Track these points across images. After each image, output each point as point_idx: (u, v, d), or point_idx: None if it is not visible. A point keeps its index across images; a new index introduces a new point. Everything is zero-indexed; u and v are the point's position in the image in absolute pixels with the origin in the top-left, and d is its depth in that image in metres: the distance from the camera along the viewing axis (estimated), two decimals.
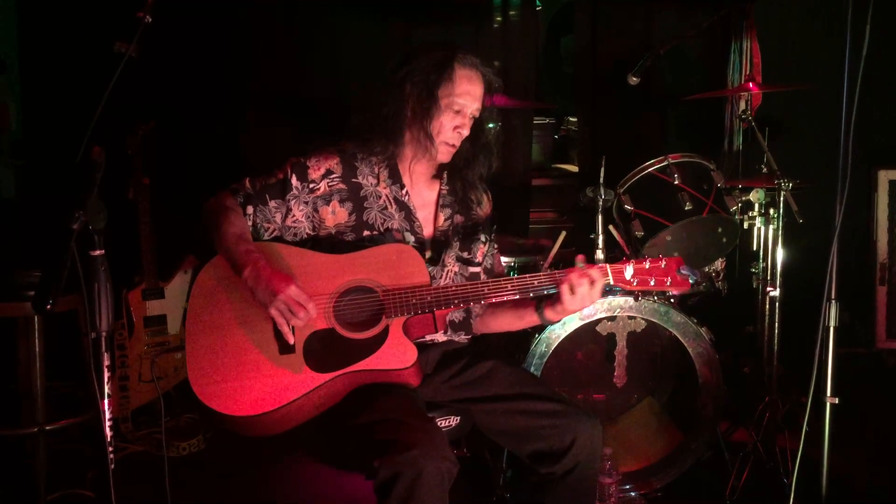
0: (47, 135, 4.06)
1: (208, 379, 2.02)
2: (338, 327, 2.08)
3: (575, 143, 5.23)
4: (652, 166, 2.95)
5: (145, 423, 3.45)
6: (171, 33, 3.46)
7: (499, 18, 4.43)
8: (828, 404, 2.19)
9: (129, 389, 3.37)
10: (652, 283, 2.11)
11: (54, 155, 3.60)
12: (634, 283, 2.11)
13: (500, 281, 2.14)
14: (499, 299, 2.13)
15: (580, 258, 2.14)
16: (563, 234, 3.16)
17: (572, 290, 2.08)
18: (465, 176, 2.33)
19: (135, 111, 3.33)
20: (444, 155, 2.25)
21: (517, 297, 2.14)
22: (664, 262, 2.12)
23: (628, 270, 2.11)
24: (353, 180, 2.25)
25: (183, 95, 3.94)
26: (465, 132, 2.23)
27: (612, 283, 2.12)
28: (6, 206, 4.20)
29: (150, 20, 1.79)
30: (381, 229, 2.24)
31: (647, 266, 2.11)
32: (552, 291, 2.13)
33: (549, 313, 2.21)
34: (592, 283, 2.08)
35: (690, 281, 2.12)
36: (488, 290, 2.12)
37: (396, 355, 2.07)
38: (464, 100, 2.18)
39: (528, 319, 2.30)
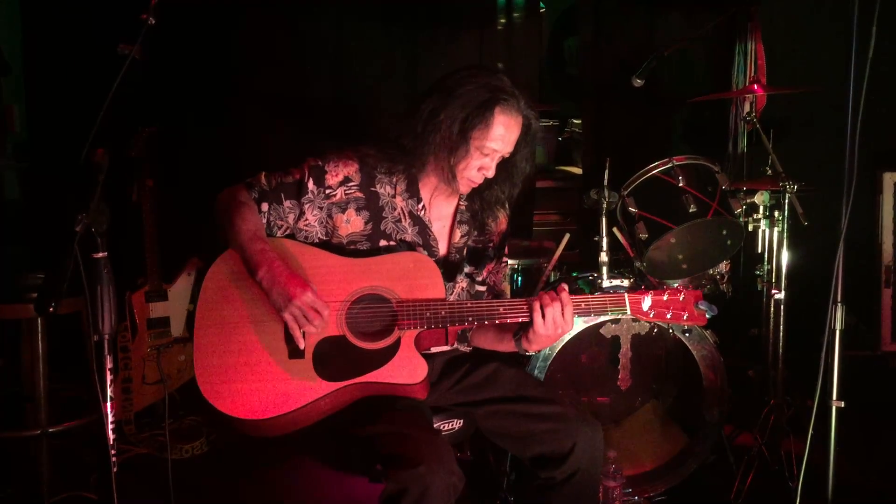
0: (51, 137, 4.07)
1: (215, 378, 2.01)
2: (349, 335, 2.06)
3: (579, 146, 5.23)
4: (656, 168, 2.94)
5: (148, 426, 3.45)
6: (175, 35, 3.48)
7: (503, 21, 4.43)
8: (833, 408, 2.18)
9: (133, 392, 3.36)
10: (669, 315, 2.09)
11: (58, 157, 3.62)
12: (651, 315, 2.09)
13: (516, 301, 2.08)
14: (514, 320, 2.08)
15: (562, 287, 2.06)
16: (567, 236, 3.15)
17: (542, 314, 2.03)
18: (485, 196, 2.28)
19: (139, 113, 3.34)
20: (464, 189, 2.20)
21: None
22: (683, 295, 2.09)
23: (646, 302, 2.09)
24: (371, 189, 2.20)
25: (187, 97, 3.95)
26: (490, 174, 2.16)
27: (629, 312, 2.09)
28: (10, 208, 4.21)
29: (154, 22, 1.79)
30: (396, 240, 2.21)
31: (665, 298, 2.09)
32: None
33: (523, 341, 2.13)
34: (563, 307, 2.02)
35: (708, 316, 2.10)
36: (504, 309, 2.07)
37: (407, 369, 2.05)
38: (495, 145, 2.10)
39: (507, 345, 2.22)
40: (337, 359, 2.04)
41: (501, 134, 2.10)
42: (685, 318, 2.10)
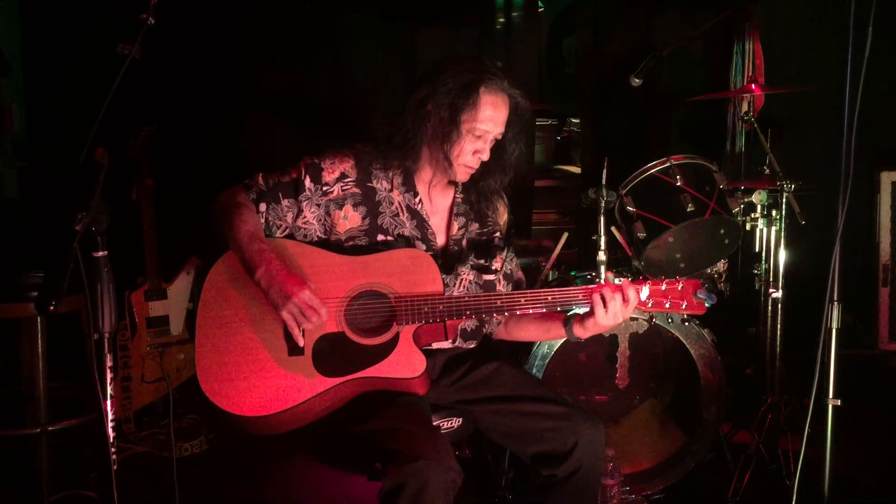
0: (51, 136, 4.07)
1: (216, 376, 2.02)
2: (348, 331, 2.07)
3: (577, 145, 5.25)
4: (654, 168, 2.94)
5: (148, 424, 3.45)
6: (173, 35, 3.47)
7: (501, 20, 4.44)
8: (830, 406, 2.19)
9: (132, 390, 3.37)
10: (667, 305, 2.08)
11: (58, 156, 3.62)
12: (650, 305, 2.08)
13: (513, 294, 2.09)
14: (511, 313, 2.09)
15: (609, 275, 2.08)
16: (566, 235, 3.16)
17: (605, 306, 2.02)
18: (481, 187, 2.29)
19: (138, 112, 3.34)
20: (462, 176, 2.21)
21: (530, 311, 2.09)
22: (681, 285, 2.08)
23: (644, 291, 2.08)
24: (368, 184, 2.21)
25: (186, 96, 3.95)
26: (485, 157, 2.17)
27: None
28: (10, 208, 4.21)
29: (153, 22, 1.79)
30: (394, 235, 2.22)
31: (663, 288, 2.08)
32: (567, 309, 2.10)
33: (577, 329, 2.14)
34: (626, 299, 2.02)
35: (707, 305, 2.09)
36: (501, 302, 2.08)
37: (406, 364, 2.06)
38: (486, 126, 2.12)
39: (556, 333, 2.23)
40: (336, 355, 2.05)
41: (490, 114, 2.12)
42: (684, 307, 2.08)
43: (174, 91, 3.88)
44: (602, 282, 2.08)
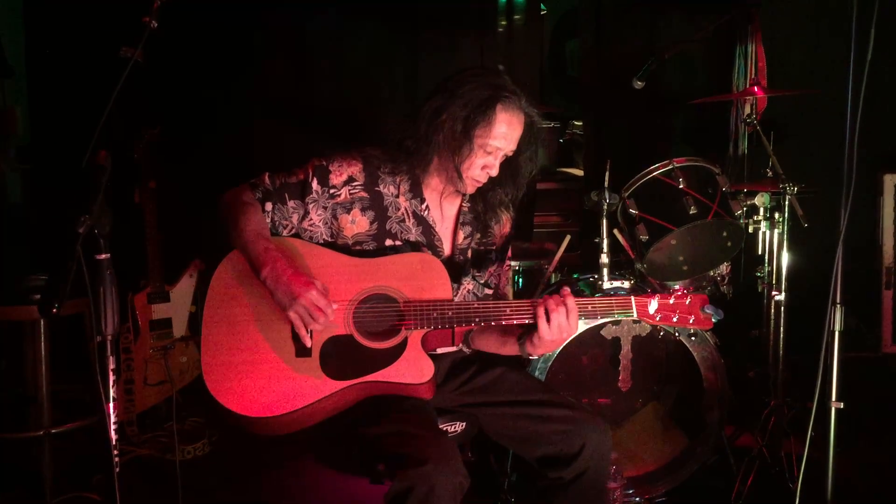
0: (54, 139, 4.08)
1: (222, 375, 2.02)
2: (356, 334, 2.06)
3: (580, 148, 5.23)
4: (657, 170, 2.94)
5: (150, 427, 3.45)
6: (177, 38, 3.49)
7: (504, 23, 4.45)
8: (833, 409, 2.18)
9: (135, 393, 3.37)
10: (675, 319, 2.08)
11: (61, 159, 3.63)
12: (658, 318, 2.09)
13: (522, 303, 2.07)
14: (520, 321, 2.08)
15: (565, 290, 2.05)
16: (568, 238, 3.16)
17: (547, 319, 2.02)
18: (489, 198, 2.28)
19: (141, 115, 3.35)
20: (470, 189, 2.21)
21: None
22: (689, 299, 2.09)
23: (652, 305, 2.08)
24: (376, 189, 2.20)
25: (189, 100, 3.96)
26: (494, 173, 2.16)
27: (635, 315, 2.09)
28: (13, 211, 4.22)
29: (156, 25, 1.79)
30: (402, 240, 2.21)
31: (671, 302, 2.08)
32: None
33: (528, 346, 2.12)
34: (569, 311, 2.02)
35: (714, 320, 2.09)
36: (510, 310, 2.07)
37: (413, 369, 2.05)
38: (498, 143, 2.11)
39: (510, 348, 2.22)
40: (344, 358, 2.05)
41: (504, 132, 2.11)
42: (691, 321, 2.09)
43: (178, 94, 3.89)
44: (566, 292, 2.05)
